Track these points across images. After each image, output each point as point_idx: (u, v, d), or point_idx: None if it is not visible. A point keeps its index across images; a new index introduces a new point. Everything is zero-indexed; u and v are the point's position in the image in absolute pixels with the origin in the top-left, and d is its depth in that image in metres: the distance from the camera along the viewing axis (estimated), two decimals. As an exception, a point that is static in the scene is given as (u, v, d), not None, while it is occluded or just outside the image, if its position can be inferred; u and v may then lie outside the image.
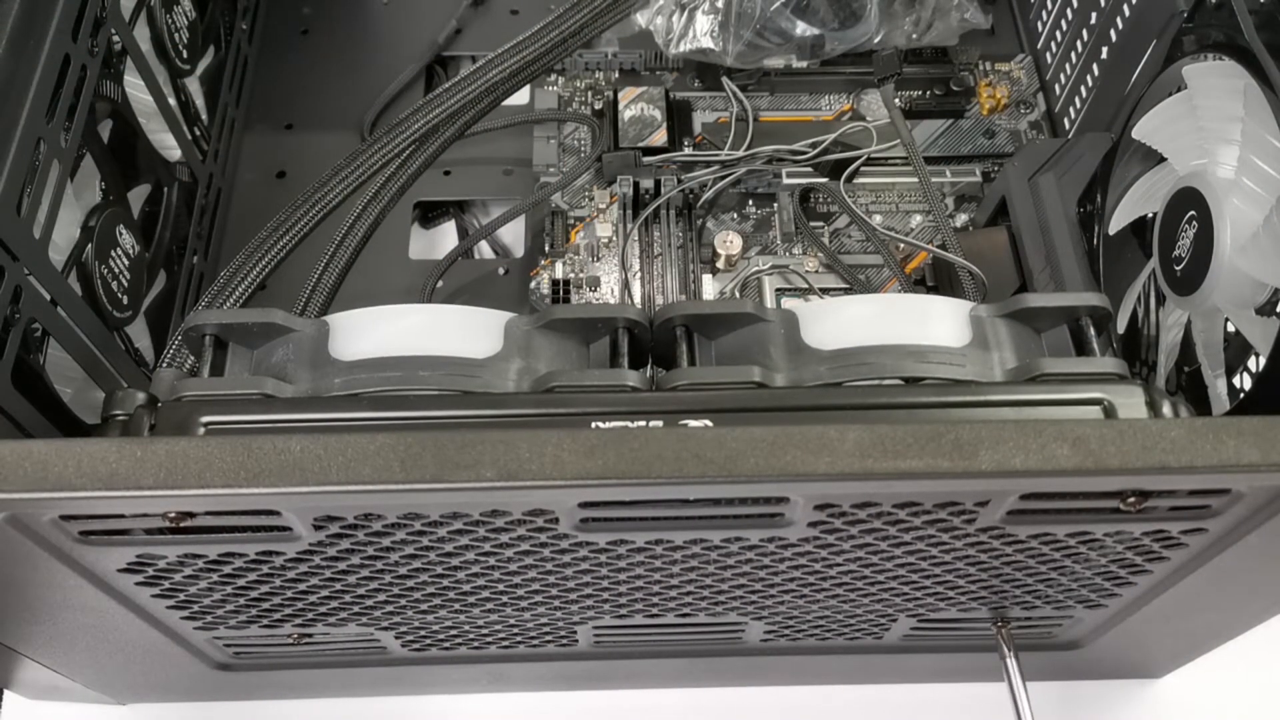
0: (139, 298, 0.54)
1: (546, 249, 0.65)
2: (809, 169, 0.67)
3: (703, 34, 0.66)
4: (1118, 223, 0.56)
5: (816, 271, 0.64)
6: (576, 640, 0.45)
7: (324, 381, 0.38)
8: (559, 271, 0.64)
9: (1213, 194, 0.48)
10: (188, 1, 0.61)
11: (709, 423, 0.35)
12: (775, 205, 0.67)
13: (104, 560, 0.34)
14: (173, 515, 0.30)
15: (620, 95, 0.68)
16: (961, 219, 0.66)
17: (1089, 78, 0.64)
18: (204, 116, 0.65)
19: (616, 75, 0.72)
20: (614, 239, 0.65)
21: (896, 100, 0.67)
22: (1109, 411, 0.36)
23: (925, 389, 0.37)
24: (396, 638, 0.44)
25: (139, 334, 0.56)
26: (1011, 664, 0.42)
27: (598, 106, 0.70)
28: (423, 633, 0.43)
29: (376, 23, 0.76)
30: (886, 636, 0.45)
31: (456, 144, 0.60)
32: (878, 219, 0.66)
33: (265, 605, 0.39)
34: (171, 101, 0.60)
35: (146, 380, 0.53)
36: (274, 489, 0.28)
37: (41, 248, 0.45)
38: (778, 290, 0.64)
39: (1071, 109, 0.67)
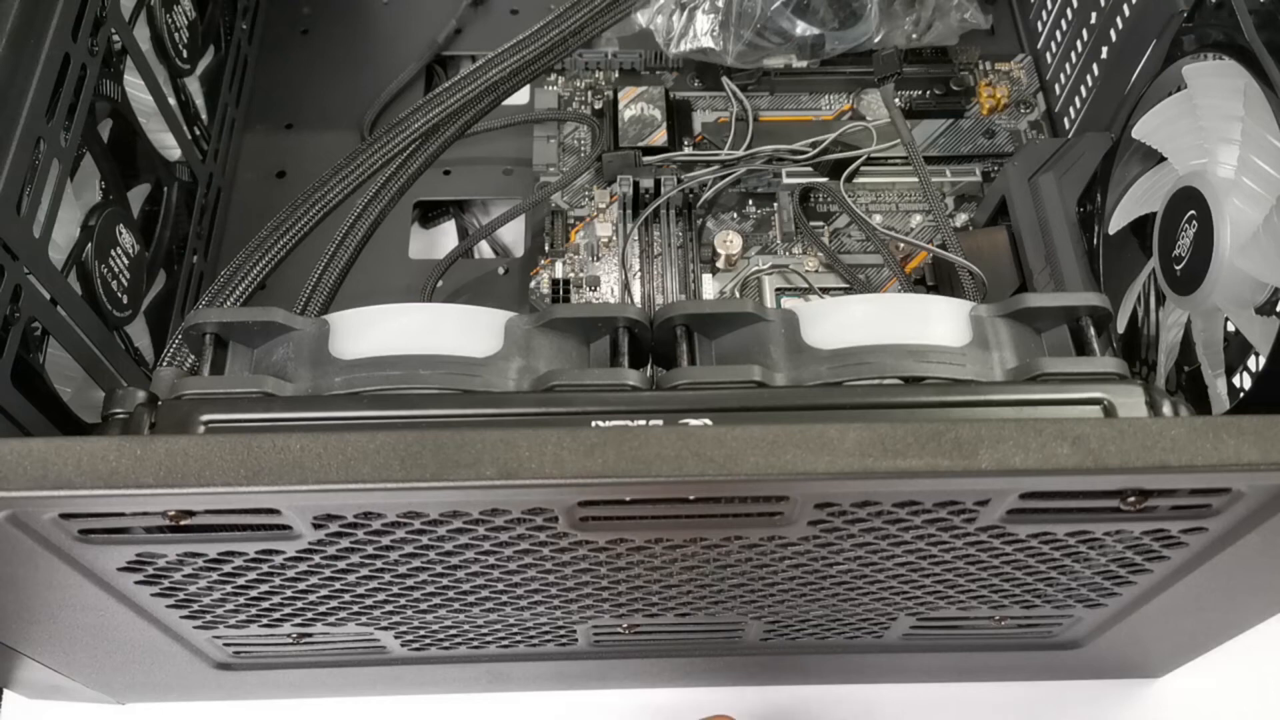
0: (139, 297, 0.54)
1: (546, 249, 0.65)
2: (809, 169, 0.67)
3: (703, 34, 0.66)
4: (1118, 222, 0.56)
5: (816, 271, 0.64)
6: (576, 640, 0.45)
7: (324, 380, 0.38)
8: (559, 271, 0.64)
9: (1213, 193, 0.48)
10: (188, 1, 0.61)
11: (709, 422, 0.35)
12: (775, 205, 0.67)
13: (104, 559, 0.34)
14: (172, 514, 0.30)
15: (620, 95, 0.68)
16: (961, 219, 0.66)
17: (1089, 78, 0.64)
18: (204, 116, 0.65)
19: (616, 75, 0.72)
20: (614, 239, 0.65)
21: (896, 100, 0.67)
22: (1109, 411, 0.36)
23: (925, 388, 0.37)
24: (396, 637, 0.43)
25: (139, 333, 0.56)
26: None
27: (598, 106, 0.70)
28: (422, 632, 0.43)
29: (376, 23, 0.76)
30: (886, 636, 0.45)
31: (456, 144, 0.60)
32: (878, 219, 0.66)
33: (265, 604, 0.39)
34: (171, 101, 0.60)
35: (146, 380, 0.53)
36: (274, 487, 0.28)
37: (41, 247, 0.45)
38: (778, 290, 0.64)
39: (1071, 109, 0.67)
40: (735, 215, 0.66)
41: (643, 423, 0.35)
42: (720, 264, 0.64)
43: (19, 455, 0.28)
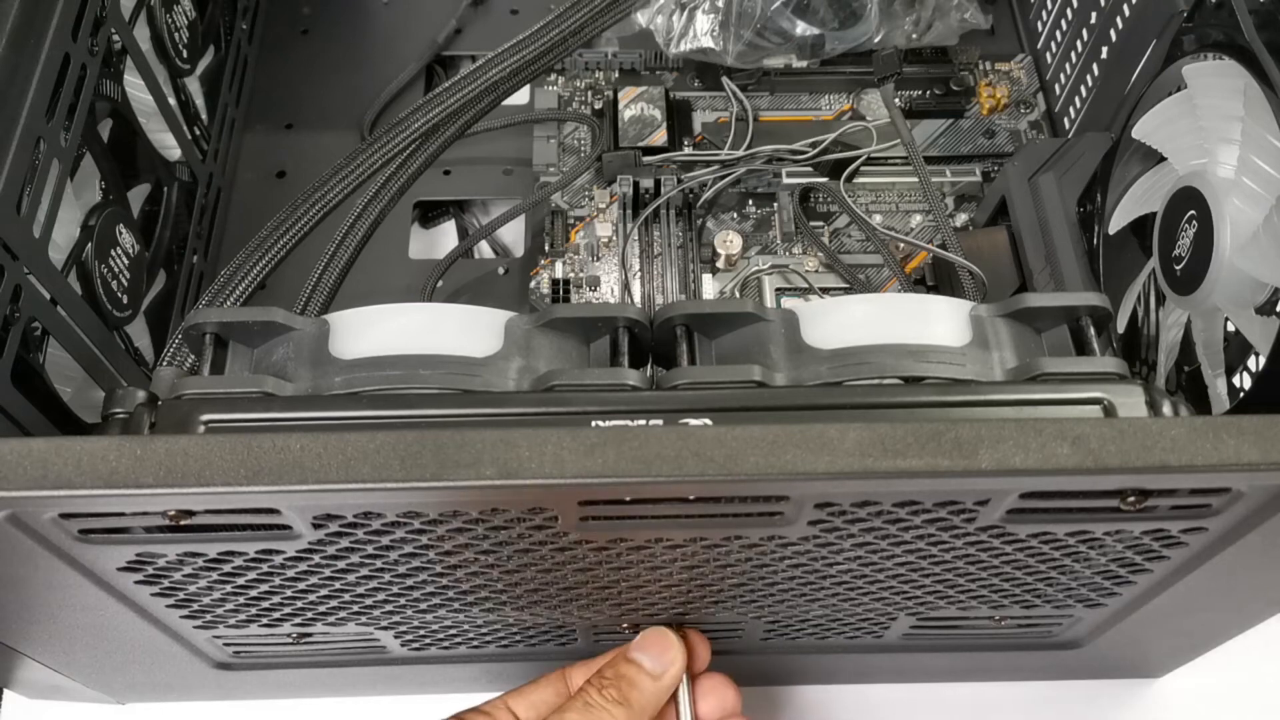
0: (139, 297, 0.54)
1: (546, 248, 0.65)
2: (809, 169, 0.67)
3: (703, 33, 0.66)
4: (1118, 222, 0.56)
5: (816, 271, 0.64)
6: (575, 639, 0.45)
7: (324, 380, 0.38)
8: (559, 271, 0.64)
9: (1213, 193, 0.48)
10: (188, 1, 0.61)
11: (709, 421, 0.35)
12: (775, 205, 0.67)
13: (104, 559, 0.34)
14: (172, 513, 0.30)
15: (620, 95, 0.68)
16: (961, 219, 0.66)
17: (1089, 78, 0.64)
18: (204, 116, 0.65)
19: (616, 75, 0.72)
20: (614, 239, 0.65)
21: (896, 100, 0.67)
22: (1109, 411, 0.36)
23: (925, 388, 0.37)
24: (396, 637, 0.43)
25: (139, 333, 0.56)
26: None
27: (598, 106, 0.70)
28: (422, 632, 0.43)
29: (376, 23, 0.76)
30: (886, 636, 0.45)
31: (456, 143, 0.60)
32: (878, 219, 0.66)
33: (265, 604, 0.39)
34: (171, 101, 0.60)
35: (146, 380, 0.53)
36: (274, 487, 0.28)
37: (41, 247, 0.45)
38: (778, 290, 0.64)
39: (1071, 109, 0.67)
40: (735, 215, 0.66)
41: (643, 423, 0.35)
42: (720, 264, 0.64)
43: (19, 455, 0.28)
